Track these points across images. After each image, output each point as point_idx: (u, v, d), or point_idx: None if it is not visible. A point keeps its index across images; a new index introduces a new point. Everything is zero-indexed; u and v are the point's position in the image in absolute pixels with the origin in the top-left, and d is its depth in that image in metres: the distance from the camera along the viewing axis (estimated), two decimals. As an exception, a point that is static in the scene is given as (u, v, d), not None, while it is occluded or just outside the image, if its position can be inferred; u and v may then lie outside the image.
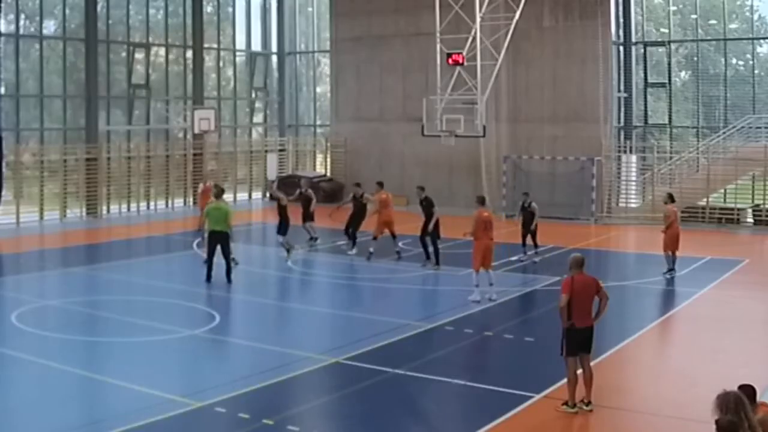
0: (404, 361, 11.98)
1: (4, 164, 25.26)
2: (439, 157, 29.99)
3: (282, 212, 20.51)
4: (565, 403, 10.16)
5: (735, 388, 6.99)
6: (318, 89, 38.06)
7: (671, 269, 18.48)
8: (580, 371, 10.22)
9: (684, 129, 30.60)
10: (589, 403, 10.17)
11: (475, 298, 15.98)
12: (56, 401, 10.39)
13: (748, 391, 7.00)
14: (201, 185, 24.28)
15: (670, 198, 19.17)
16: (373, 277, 18.80)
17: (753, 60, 29.55)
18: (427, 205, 19.96)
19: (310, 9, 37.58)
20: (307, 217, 21.93)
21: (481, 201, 17.02)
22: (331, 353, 12.50)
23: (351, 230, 21.58)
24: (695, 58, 30.01)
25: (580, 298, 10.08)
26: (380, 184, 21.64)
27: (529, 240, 20.54)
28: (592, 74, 28.55)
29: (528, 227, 20.48)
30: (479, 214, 16.33)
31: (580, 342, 10.13)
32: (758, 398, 7.11)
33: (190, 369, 12.26)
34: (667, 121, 30.59)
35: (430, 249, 19.68)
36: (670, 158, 28.75)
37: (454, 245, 20.90)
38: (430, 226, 19.66)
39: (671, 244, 18.49)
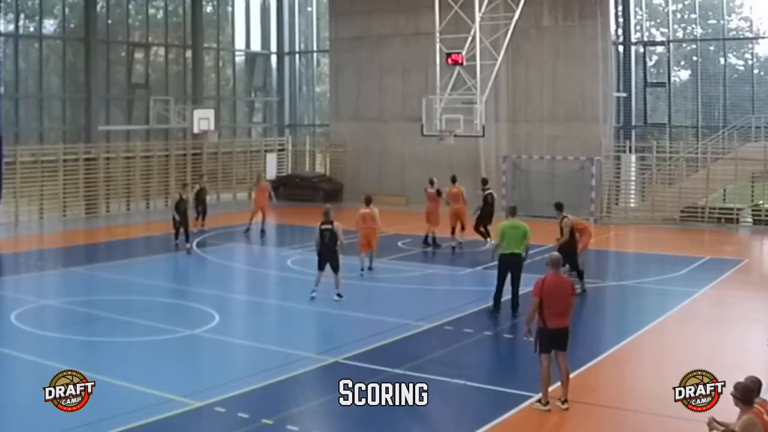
0: (404, 361, 11.99)
1: (3, 164, 25.23)
2: (439, 157, 29.94)
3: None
4: (539, 401, 10.15)
5: (733, 389, 7.07)
6: (317, 89, 38.05)
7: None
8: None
9: (683, 129, 30.56)
10: (565, 402, 10.14)
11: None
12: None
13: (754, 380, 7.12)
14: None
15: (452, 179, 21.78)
16: (373, 276, 18.79)
17: (753, 60, 29.55)
18: None
19: (309, 9, 37.57)
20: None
21: (367, 201, 18.63)
22: (331, 353, 12.50)
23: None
24: (695, 58, 30.00)
25: (550, 298, 10.06)
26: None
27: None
28: (592, 74, 28.53)
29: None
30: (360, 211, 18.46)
31: (552, 341, 10.13)
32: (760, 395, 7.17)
33: (189, 369, 12.25)
34: (666, 121, 30.56)
35: None
36: (670, 158, 28.73)
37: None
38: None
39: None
